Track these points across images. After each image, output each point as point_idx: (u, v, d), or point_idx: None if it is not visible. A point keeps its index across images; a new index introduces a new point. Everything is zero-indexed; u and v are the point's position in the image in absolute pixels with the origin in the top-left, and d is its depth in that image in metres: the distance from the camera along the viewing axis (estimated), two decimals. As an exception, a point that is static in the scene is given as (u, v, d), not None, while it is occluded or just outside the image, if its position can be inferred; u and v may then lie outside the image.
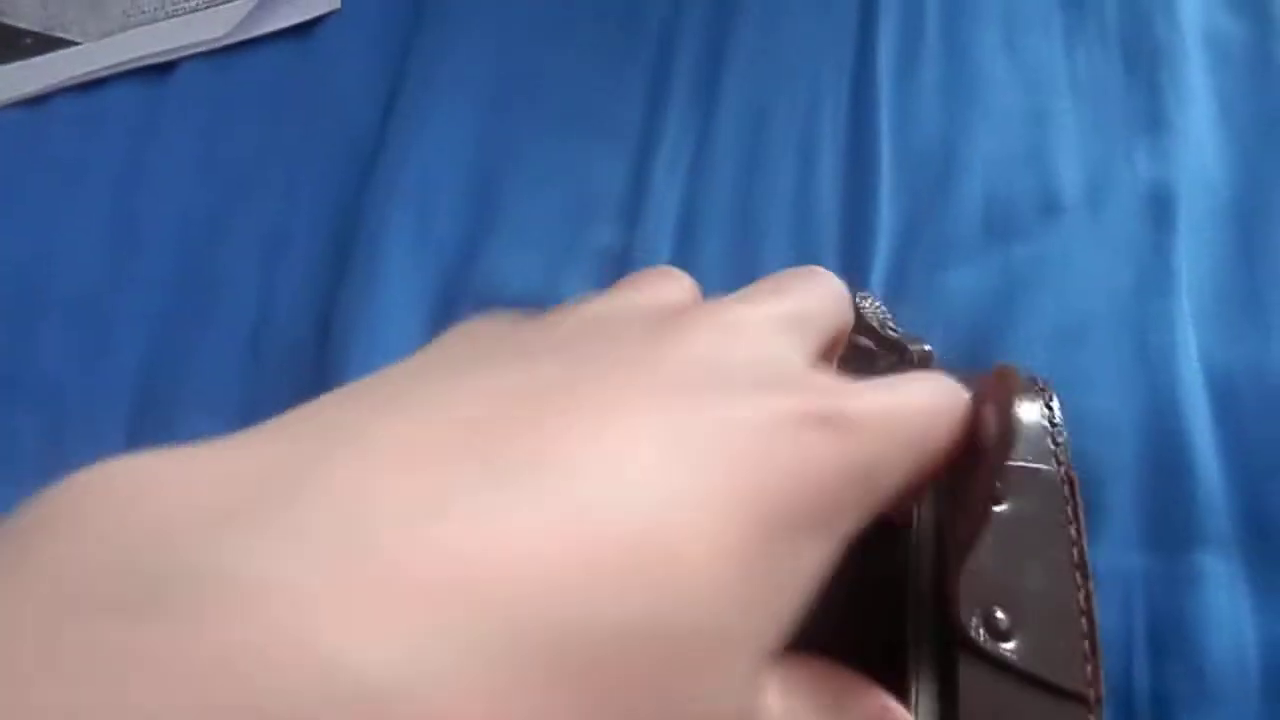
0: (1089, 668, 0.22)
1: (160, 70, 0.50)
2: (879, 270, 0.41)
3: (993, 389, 0.25)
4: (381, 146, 0.47)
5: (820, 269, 0.27)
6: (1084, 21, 0.49)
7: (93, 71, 0.50)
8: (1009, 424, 0.25)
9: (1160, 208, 0.42)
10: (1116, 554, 0.35)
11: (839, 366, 0.29)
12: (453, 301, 0.43)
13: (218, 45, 0.50)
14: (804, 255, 0.42)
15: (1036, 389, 0.27)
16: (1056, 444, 0.25)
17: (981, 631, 0.22)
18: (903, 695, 0.22)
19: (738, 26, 0.50)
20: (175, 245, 0.45)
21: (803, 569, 0.19)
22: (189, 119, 0.49)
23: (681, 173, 0.45)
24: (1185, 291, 0.39)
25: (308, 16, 0.51)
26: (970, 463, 0.24)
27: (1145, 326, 0.39)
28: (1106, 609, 0.34)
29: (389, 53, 0.50)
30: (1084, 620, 0.23)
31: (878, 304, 0.37)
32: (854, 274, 0.41)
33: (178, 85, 0.50)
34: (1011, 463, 0.24)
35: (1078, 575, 0.23)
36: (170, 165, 0.47)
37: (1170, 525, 0.35)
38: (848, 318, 0.28)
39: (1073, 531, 0.24)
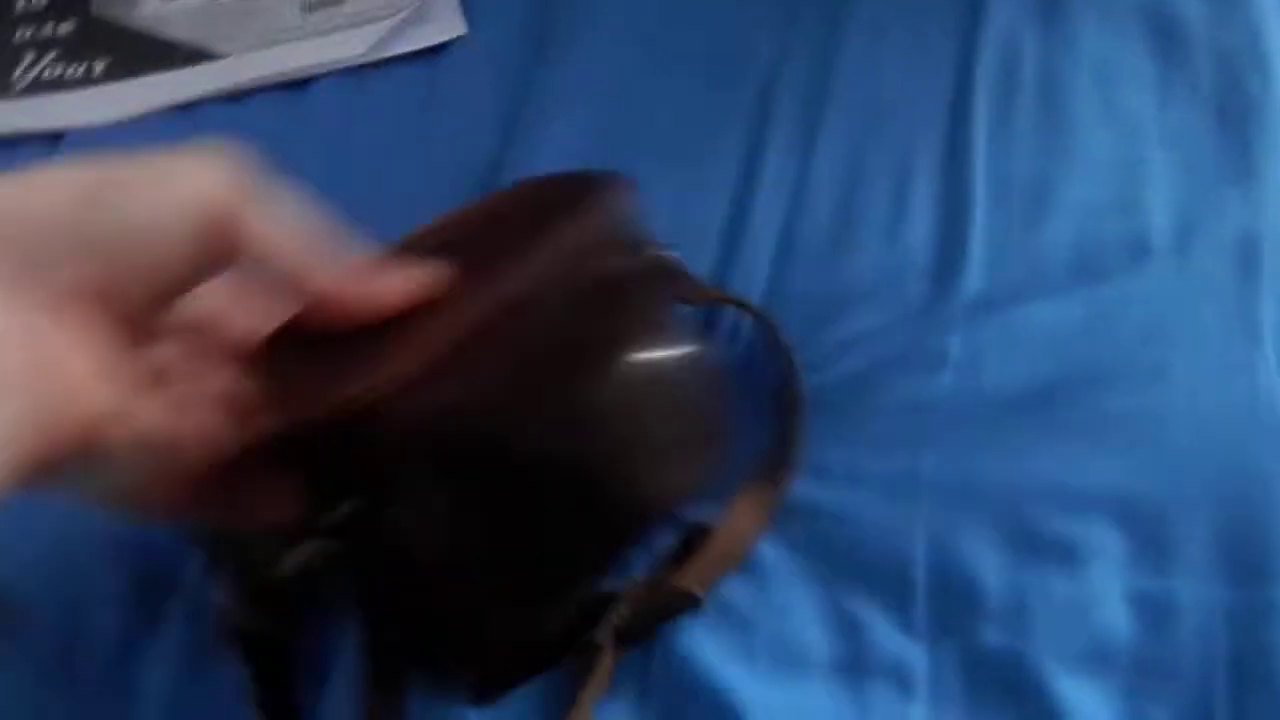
0: None
1: (300, 84, 0.54)
2: (965, 298, 0.43)
3: None
4: (500, 169, 0.50)
5: None
6: (1178, 76, 0.50)
7: (238, 84, 0.54)
8: None
9: (1247, 257, 0.44)
10: (1197, 587, 0.36)
11: None
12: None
13: (353, 64, 0.54)
14: (894, 279, 0.44)
15: None
16: None
17: None
18: None
19: (839, 66, 0.52)
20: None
21: None
22: (322, 132, 0.53)
23: (781, 204, 0.48)
24: (1270, 340, 0.41)
25: (438, 40, 0.55)
26: None
27: (1229, 371, 0.41)
28: (1188, 641, 0.36)
29: (510, 80, 0.54)
30: None
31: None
32: (942, 300, 0.43)
33: (315, 99, 0.54)
34: None
35: None
36: (301, 174, 0.51)
37: (1249, 560, 0.36)
38: None
39: None
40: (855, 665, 0.36)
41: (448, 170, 0.51)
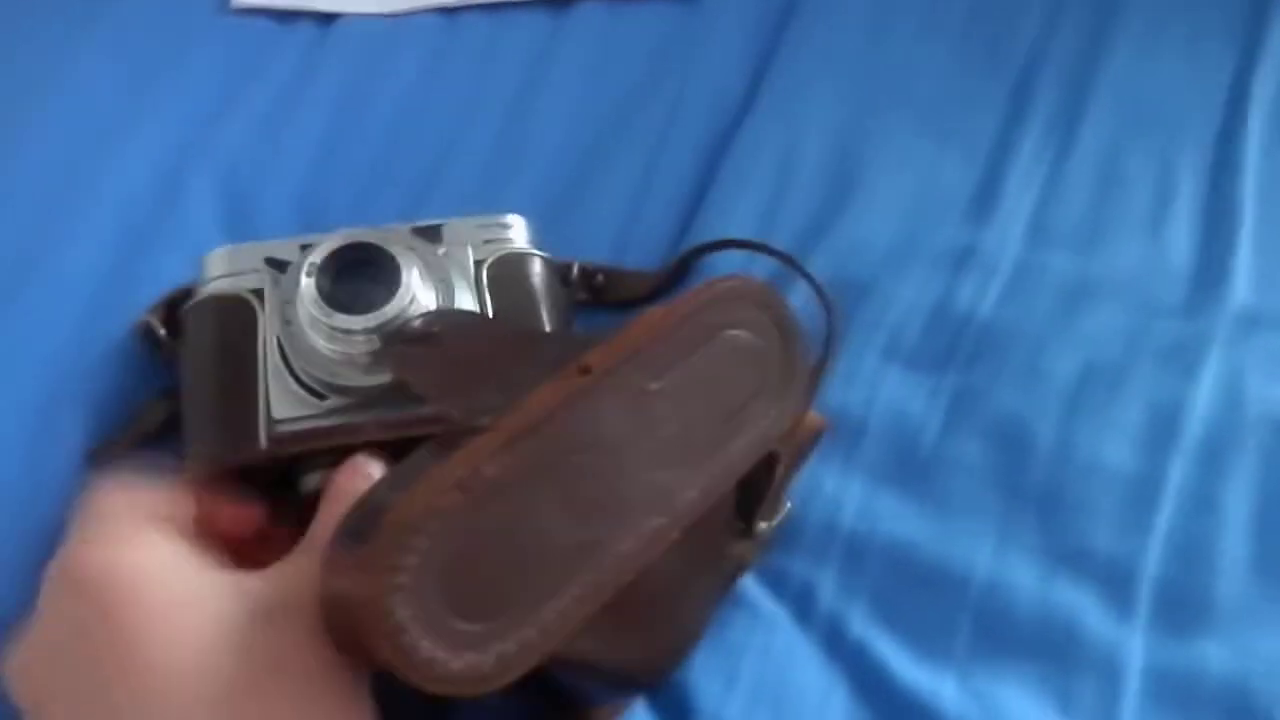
0: None
1: (561, 5, 0.55)
2: (1227, 314, 0.41)
3: None
4: (749, 112, 0.51)
5: None
6: None
7: (500, -4, 0.56)
8: None
9: None
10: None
11: None
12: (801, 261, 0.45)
13: (613, -9, 0.55)
14: (1150, 284, 0.43)
15: None
16: None
17: None
18: None
19: (1107, 59, 0.51)
20: (551, 170, 0.49)
21: None
22: (580, 56, 0.54)
23: (1034, 187, 0.47)
24: None
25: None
26: None
27: None
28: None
29: (766, 24, 0.54)
30: None
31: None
32: (1202, 308, 0.42)
33: (573, 22, 0.55)
34: None
35: None
36: (558, 97, 0.52)
37: None
38: None
39: None
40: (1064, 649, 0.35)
41: (698, 112, 0.51)
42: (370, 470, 0.32)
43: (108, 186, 0.48)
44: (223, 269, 0.38)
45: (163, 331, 0.40)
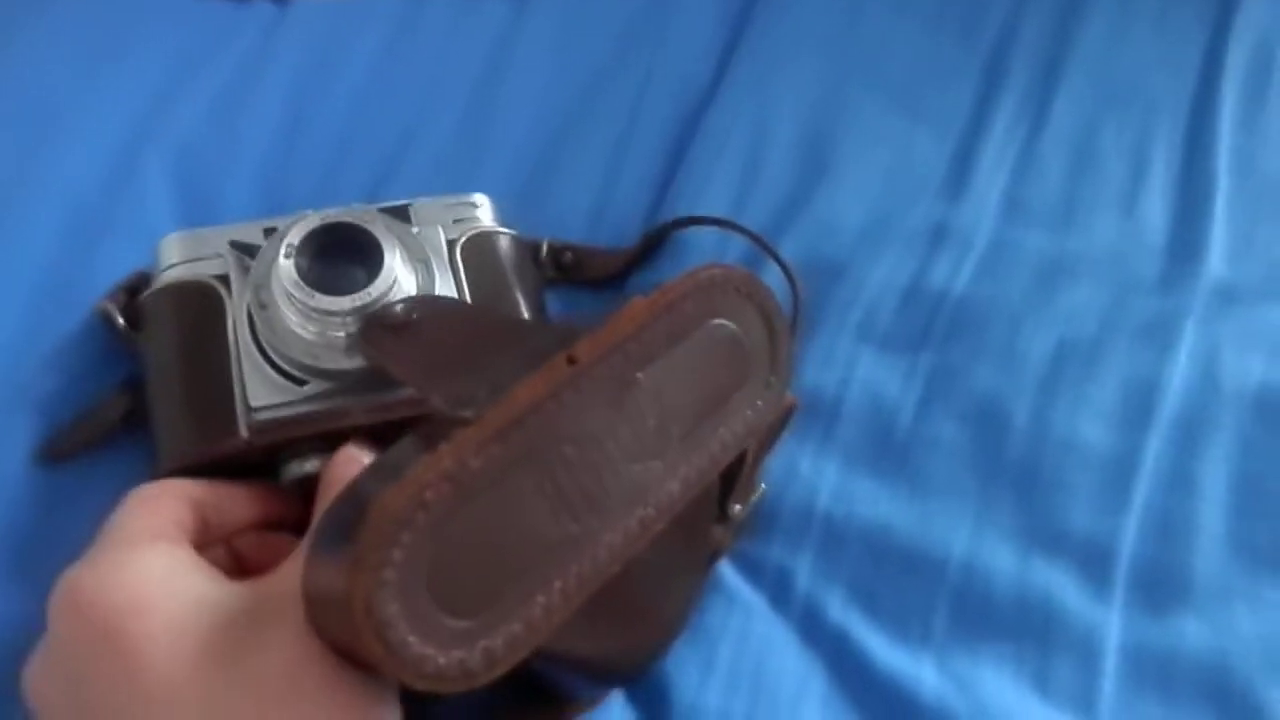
0: None
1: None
2: (1202, 289, 0.41)
3: None
4: (720, 90, 0.50)
5: None
6: None
7: (466, -24, 0.54)
8: None
9: None
10: None
11: None
12: (774, 240, 0.45)
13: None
14: (1125, 260, 0.43)
15: None
16: None
17: None
18: None
19: (1079, 34, 0.51)
20: (518, 152, 0.49)
21: None
22: (547, 34, 0.53)
23: (1008, 163, 0.47)
24: None
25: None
26: None
27: None
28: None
29: (735, 7, 0.53)
30: None
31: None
32: (1178, 282, 0.42)
33: (539, 5, 0.54)
34: None
35: None
36: (525, 76, 0.51)
37: None
38: None
39: None
40: (1043, 629, 0.35)
41: (668, 90, 0.50)
42: (365, 460, 0.31)
43: (58, 171, 0.46)
44: (181, 255, 0.36)
45: (121, 321, 0.38)
